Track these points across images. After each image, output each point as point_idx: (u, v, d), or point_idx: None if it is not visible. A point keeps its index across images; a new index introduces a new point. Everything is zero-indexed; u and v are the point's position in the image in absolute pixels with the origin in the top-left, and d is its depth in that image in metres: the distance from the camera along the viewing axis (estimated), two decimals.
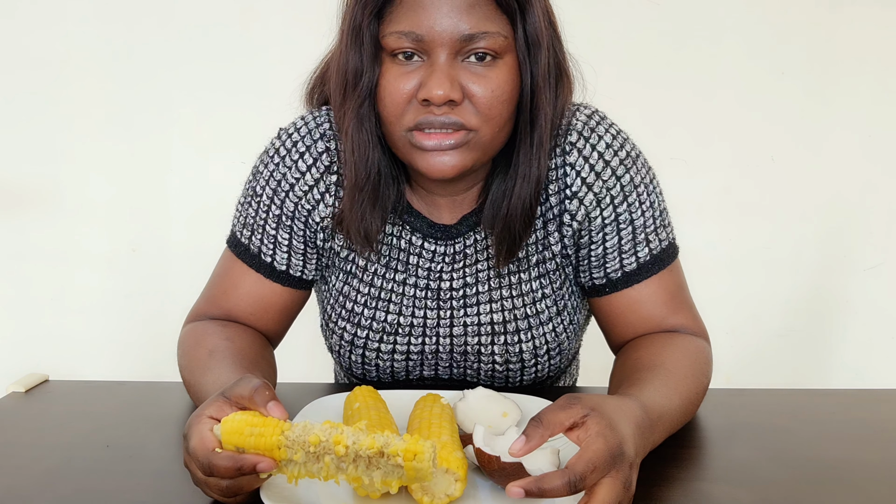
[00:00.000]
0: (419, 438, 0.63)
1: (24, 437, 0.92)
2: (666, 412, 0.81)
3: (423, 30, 0.82)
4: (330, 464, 0.64)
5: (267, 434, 0.65)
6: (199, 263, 1.17)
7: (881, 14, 2.01)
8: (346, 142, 0.90)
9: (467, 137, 0.85)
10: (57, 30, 2.03)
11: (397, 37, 0.83)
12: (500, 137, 0.87)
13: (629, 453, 0.68)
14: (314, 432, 0.64)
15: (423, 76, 0.83)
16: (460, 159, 0.85)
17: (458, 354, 1.00)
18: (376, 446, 0.62)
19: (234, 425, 0.66)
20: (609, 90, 1.05)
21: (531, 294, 0.98)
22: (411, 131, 0.85)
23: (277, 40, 2.00)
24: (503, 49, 0.84)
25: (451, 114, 0.83)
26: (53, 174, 2.10)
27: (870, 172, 2.08)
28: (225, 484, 0.67)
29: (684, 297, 0.99)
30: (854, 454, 0.84)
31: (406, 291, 0.99)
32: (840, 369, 2.14)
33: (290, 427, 0.65)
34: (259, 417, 0.67)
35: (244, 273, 1.02)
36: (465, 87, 0.83)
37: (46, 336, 2.15)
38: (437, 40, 0.82)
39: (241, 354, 0.92)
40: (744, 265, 2.11)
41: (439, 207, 0.98)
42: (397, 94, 0.84)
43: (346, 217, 0.93)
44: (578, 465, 0.64)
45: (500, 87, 0.84)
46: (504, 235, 0.92)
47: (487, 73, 0.83)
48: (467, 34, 0.81)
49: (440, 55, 0.82)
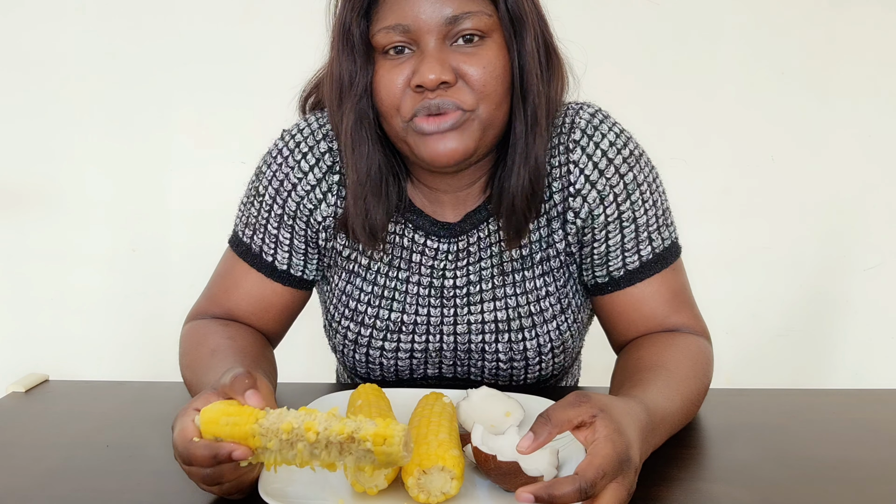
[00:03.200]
0: (390, 423, 0.63)
1: (24, 437, 0.92)
2: (668, 414, 0.81)
3: (408, 20, 0.84)
4: (303, 450, 0.64)
5: (241, 423, 0.65)
6: (199, 263, 1.17)
7: (881, 14, 2.01)
8: (345, 141, 0.91)
9: (465, 117, 0.86)
10: (57, 29, 2.03)
11: (385, 32, 0.85)
12: (498, 116, 0.88)
13: (634, 459, 0.68)
14: (287, 420, 0.64)
15: (414, 64, 0.85)
16: (462, 141, 0.86)
17: (461, 352, 1.00)
18: (346, 431, 0.63)
19: (211, 415, 0.67)
20: (609, 90, 1.05)
21: (535, 292, 0.98)
22: (411, 120, 0.86)
23: (277, 40, 2.00)
24: (489, 28, 0.86)
25: (447, 96, 0.85)
26: (53, 174, 2.10)
27: (869, 172, 2.08)
28: (205, 472, 0.68)
29: (686, 297, 0.99)
30: (854, 454, 0.84)
31: (409, 289, 0.99)
32: (840, 369, 2.15)
33: (266, 415, 0.65)
34: (236, 406, 0.67)
35: (245, 272, 1.02)
36: (457, 68, 0.85)
37: (46, 336, 2.15)
38: (423, 28, 0.84)
39: (242, 353, 0.93)
40: (744, 265, 2.11)
41: (442, 205, 0.98)
42: (392, 86, 0.86)
43: (350, 214, 0.94)
44: (589, 471, 0.63)
45: (491, 63, 0.85)
46: (510, 217, 0.93)
47: (477, 52, 0.85)
48: (451, 16, 0.84)
49: (429, 42, 0.84)
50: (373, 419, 0.64)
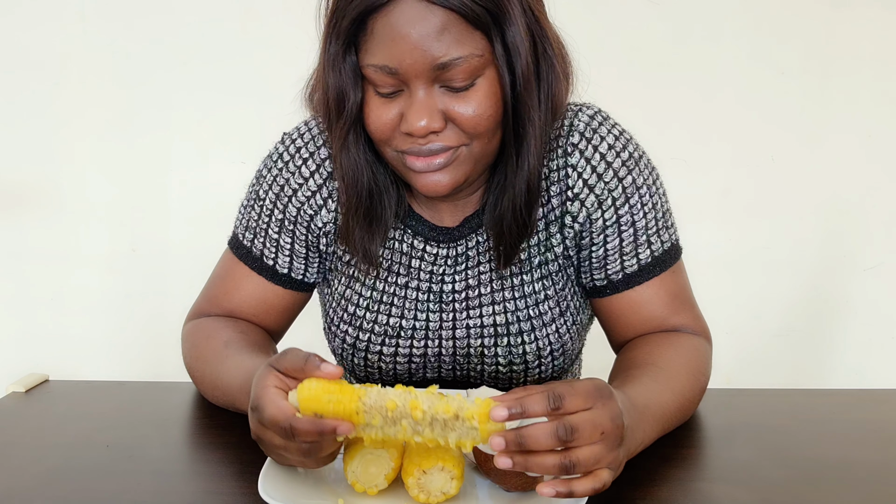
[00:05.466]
0: (490, 401, 0.65)
1: (24, 437, 0.92)
2: (653, 403, 0.81)
3: (395, 62, 0.79)
4: (407, 427, 0.66)
5: (345, 401, 0.67)
6: (199, 263, 1.17)
7: (881, 14, 2.01)
8: (336, 166, 0.91)
9: (456, 154, 0.85)
10: (57, 29, 2.02)
11: (374, 70, 0.81)
12: (490, 147, 0.87)
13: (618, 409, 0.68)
14: (390, 397, 0.66)
15: (403, 105, 0.83)
16: (452, 176, 0.86)
17: (461, 357, 1.00)
18: (451, 410, 0.65)
19: (311, 392, 0.67)
20: (609, 90, 1.05)
21: (534, 296, 0.98)
22: (402, 153, 0.86)
23: (278, 40, 1.99)
24: (481, 67, 0.81)
25: (437, 140, 0.83)
26: (53, 174, 2.10)
27: (870, 172, 2.08)
28: (306, 446, 0.68)
29: (686, 298, 0.99)
30: (854, 454, 0.84)
31: (408, 294, 0.99)
32: (840, 369, 2.14)
33: (366, 393, 0.67)
34: (334, 384, 0.68)
35: (246, 275, 1.02)
36: (446, 111, 0.82)
37: (46, 336, 2.15)
38: (410, 72, 0.80)
39: (255, 346, 0.94)
40: (744, 265, 2.11)
41: (441, 210, 0.98)
42: (381, 124, 0.84)
43: (344, 236, 0.95)
44: (555, 387, 0.65)
45: (482, 105, 0.82)
46: (500, 239, 0.93)
47: (468, 95, 0.82)
48: (440, 63, 0.79)
49: (417, 87, 0.81)
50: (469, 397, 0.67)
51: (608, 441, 0.66)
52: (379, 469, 0.71)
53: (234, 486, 0.77)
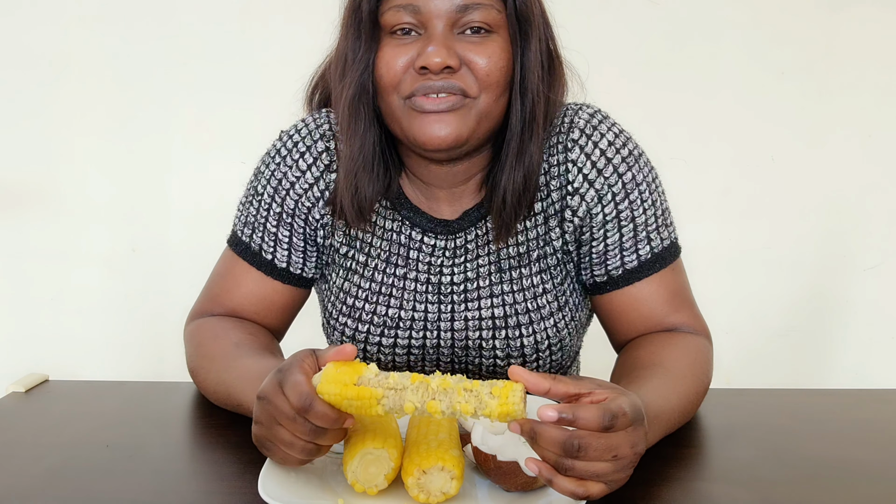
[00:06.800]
0: (508, 394, 0.65)
1: (24, 437, 0.92)
2: (663, 412, 0.81)
3: (419, 1, 0.85)
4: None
5: (364, 406, 0.67)
6: (199, 263, 1.17)
7: (881, 14, 2.01)
8: (342, 114, 0.92)
9: (464, 102, 0.87)
10: (57, 29, 2.03)
11: (395, 10, 0.86)
12: (496, 108, 0.89)
13: (643, 436, 0.68)
14: (409, 400, 0.66)
15: (419, 48, 0.86)
16: (456, 126, 0.87)
17: (459, 349, 1.00)
18: (469, 411, 0.66)
19: (331, 398, 0.68)
20: (609, 90, 1.05)
21: (532, 289, 0.98)
22: (409, 98, 0.87)
23: (277, 40, 2.00)
24: (496, 23, 0.87)
25: (451, 79, 0.86)
26: (53, 174, 2.10)
27: (869, 172, 2.08)
28: (313, 428, 0.68)
29: (686, 296, 0.99)
30: (854, 454, 0.84)
31: (406, 286, 0.99)
32: (840, 369, 2.14)
33: (383, 395, 0.67)
34: (352, 390, 0.68)
35: (245, 271, 1.03)
36: (462, 56, 0.86)
37: (46, 336, 2.15)
38: (433, 11, 0.85)
39: (265, 348, 0.95)
40: (744, 265, 2.11)
41: (439, 202, 0.98)
42: (394, 64, 0.87)
43: (340, 189, 0.95)
44: (612, 404, 0.65)
45: (496, 55, 0.87)
46: (500, 213, 0.93)
47: (483, 43, 0.87)
48: (462, 4, 0.85)
49: (437, 26, 0.85)
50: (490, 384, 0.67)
51: (619, 463, 0.66)
52: (379, 469, 0.71)
53: (234, 486, 0.77)
